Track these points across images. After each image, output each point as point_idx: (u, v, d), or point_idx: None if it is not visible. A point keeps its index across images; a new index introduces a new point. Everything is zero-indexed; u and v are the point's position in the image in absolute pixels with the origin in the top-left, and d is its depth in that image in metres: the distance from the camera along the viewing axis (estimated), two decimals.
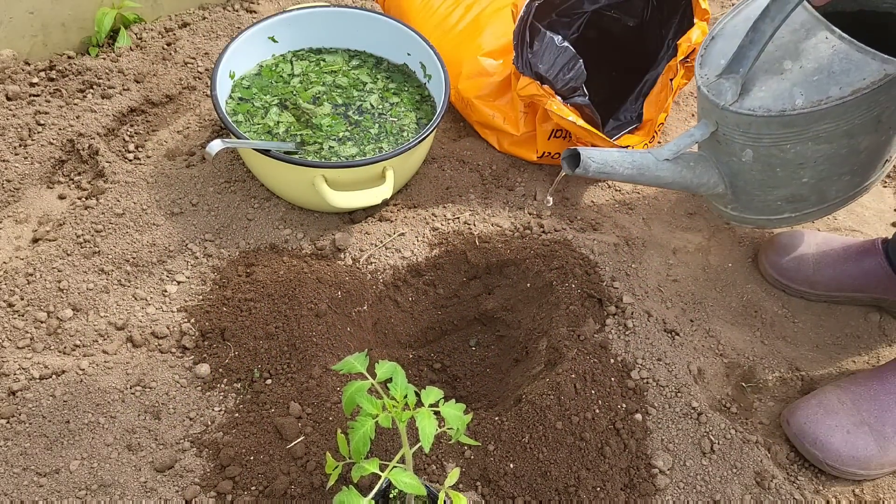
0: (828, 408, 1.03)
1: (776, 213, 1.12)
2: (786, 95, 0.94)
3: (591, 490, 0.94)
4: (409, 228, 1.23)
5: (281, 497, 0.90)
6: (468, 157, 1.37)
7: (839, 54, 0.93)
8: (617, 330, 1.10)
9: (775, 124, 0.95)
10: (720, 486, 0.98)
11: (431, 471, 0.95)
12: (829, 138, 0.96)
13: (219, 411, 0.99)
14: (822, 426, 1.02)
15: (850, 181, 1.07)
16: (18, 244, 1.16)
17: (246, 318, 1.07)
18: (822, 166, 1.01)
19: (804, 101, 0.92)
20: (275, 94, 1.32)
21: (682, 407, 1.04)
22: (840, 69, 0.92)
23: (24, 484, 0.90)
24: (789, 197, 1.07)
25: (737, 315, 1.21)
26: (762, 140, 0.98)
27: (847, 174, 1.04)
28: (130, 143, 1.33)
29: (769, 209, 1.11)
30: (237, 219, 1.23)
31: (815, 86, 0.92)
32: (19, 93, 1.37)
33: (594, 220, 1.30)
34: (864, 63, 0.91)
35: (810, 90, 0.93)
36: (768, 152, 1.00)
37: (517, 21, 1.24)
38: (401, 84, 1.38)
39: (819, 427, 1.02)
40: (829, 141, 0.97)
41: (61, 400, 0.97)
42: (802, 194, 1.07)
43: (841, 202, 1.11)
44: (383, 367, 0.76)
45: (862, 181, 1.08)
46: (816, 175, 1.03)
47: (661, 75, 1.32)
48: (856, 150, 1.00)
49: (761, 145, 0.99)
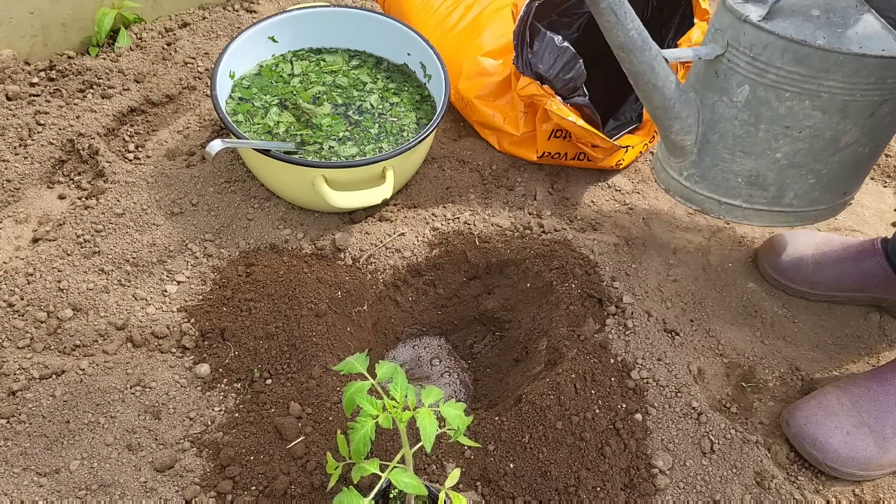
0: (827, 409, 1.03)
1: (729, 193, 1.09)
2: (808, 33, 0.94)
3: (591, 490, 0.94)
4: (409, 228, 1.23)
5: (281, 497, 0.90)
6: (468, 157, 1.38)
7: (866, 23, 0.96)
8: (617, 330, 1.10)
9: (790, 56, 0.94)
10: (720, 486, 0.98)
11: (431, 471, 0.95)
12: (825, 106, 0.96)
13: (219, 411, 0.99)
14: (822, 427, 1.02)
15: (810, 189, 1.06)
16: (18, 244, 1.16)
17: (246, 318, 1.07)
18: (801, 145, 1.00)
19: (825, 43, 0.93)
20: (275, 94, 1.32)
21: (682, 407, 1.04)
22: (863, 34, 0.94)
23: (24, 484, 0.90)
24: (752, 175, 1.05)
25: (737, 315, 1.21)
26: (767, 74, 0.96)
27: (813, 176, 1.04)
28: (130, 143, 1.33)
29: (725, 185, 1.08)
30: (237, 219, 1.23)
31: (838, 37, 0.94)
32: (19, 93, 1.37)
33: (594, 220, 1.30)
34: (886, 38, 0.94)
35: (832, 38, 0.93)
36: (765, 96, 0.98)
37: (517, 21, 1.24)
38: (401, 84, 1.38)
39: (819, 428, 1.02)
40: (823, 110, 0.97)
41: (61, 400, 0.98)
42: (765, 178, 1.05)
43: (789, 215, 1.10)
44: (383, 368, 0.76)
45: (819, 198, 1.08)
46: (790, 155, 1.01)
47: None
48: (836, 142, 1.00)
49: (762, 82, 0.97)
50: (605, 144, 1.27)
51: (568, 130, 1.28)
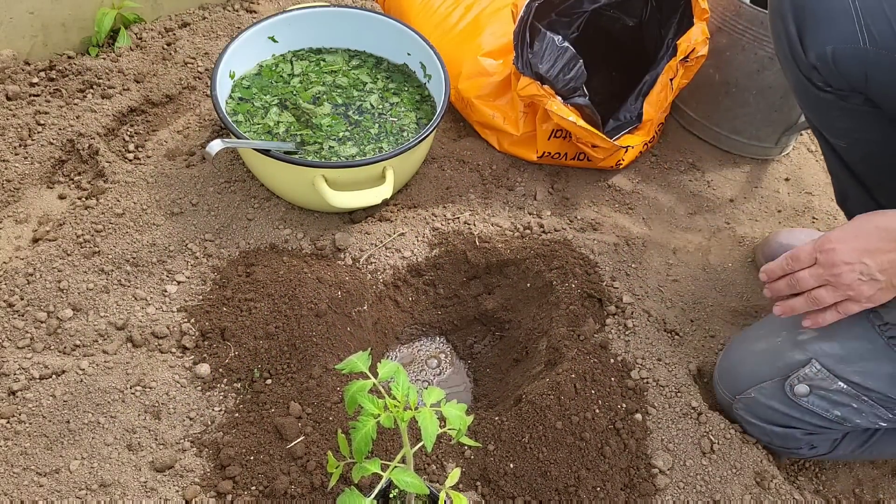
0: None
1: None
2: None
3: (591, 490, 0.94)
4: (409, 228, 1.23)
5: (281, 497, 0.90)
6: (468, 157, 1.38)
7: None
8: (617, 330, 1.10)
9: None
10: (720, 486, 0.98)
11: (431, 471, 0.95)
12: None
13: (219, 411, 0.99)
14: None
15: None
16: (18, 244, 1.16)
17: (246, 318, 1.07)
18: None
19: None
20: (275, 94, 1.32)
21: (682, 407, 1.04)
22: None
23: (24, 484, 0.90)
24: None
25: (737, 315, 1.21)
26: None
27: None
28: (130, 143, 1.33)
29: None
30: (237, 219, 1.23)
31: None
32: (19, 93, 1.37)
33: (594, 220, 1.30)
34: None
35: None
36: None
37: (517, 21, 1.24)
38: (401, 84, 1.38)
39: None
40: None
41: (61, 400, 0.97)
42: None
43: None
44: (385, 367, 0.76)
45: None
46: None
47: (660, 75, 1.32)
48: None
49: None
50: (606, 144, 1.27)
51: (568, 130, 1.29)
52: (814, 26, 0.93)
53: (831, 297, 0.89)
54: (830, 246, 0.88)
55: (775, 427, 0.99)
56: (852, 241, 0.87)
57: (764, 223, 1.40)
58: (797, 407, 0.95)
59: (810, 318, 0.93)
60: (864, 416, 0.93)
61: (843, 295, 0.89)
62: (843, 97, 0.97)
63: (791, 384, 0.94)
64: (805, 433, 0.97)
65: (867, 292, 0.87)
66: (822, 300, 0.90)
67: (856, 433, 1.00)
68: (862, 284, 0.87)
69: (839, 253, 0.87)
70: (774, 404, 0.97)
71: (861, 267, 0.86)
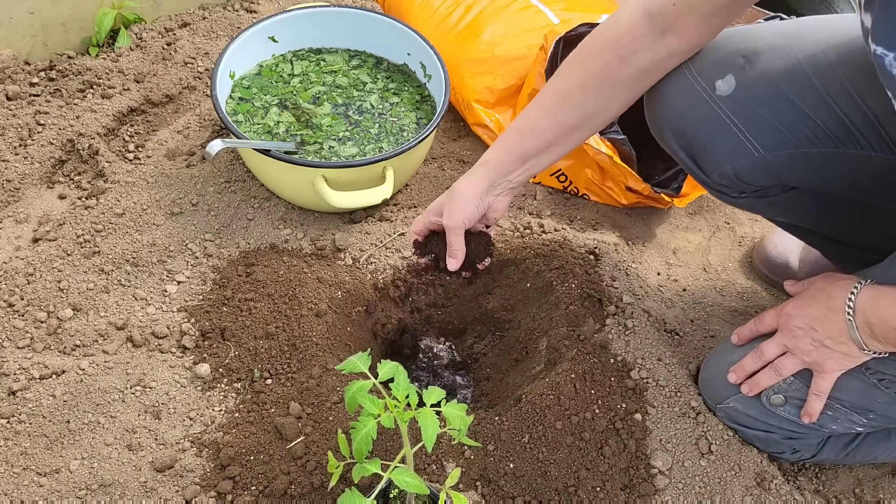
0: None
1: None
2: None
3: (590, 490, 0.94)
4: (410, 228, 1.23)
5: (281, 497, 0.90)
6: (468, 157, 1.38)
7: None
8: (617, 330, 1.10)
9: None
10: (719, 487, 0.98)
11: (432, 471, 0.95)
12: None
13: (219, 411, 0.99)
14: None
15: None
16: (18, 244, 1.16)
17: (246, 318, 1.07)
18: None
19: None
20: (275, 94, 1.32)
21: (682, 407, 1.04)
22: None
23: (24, 484, 0.90)
24: None
25: (737, 315, 1.21)
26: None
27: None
28: (130, 143, 1.33)
29: None
30: (237, 219, 1.23)
31: None
32: (19, 93, 1.37)
33: (594, 220, 1.30)
34: None
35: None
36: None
37: (548, 56, 1.23)
38: (401, 84, 1.38)
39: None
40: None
41: (61, 400, 0.97)
42: None
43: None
44: (385, 367, 0.76)
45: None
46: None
47: None
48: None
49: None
50: (639, 185, 1.23)
51: (602, 167, 1.26)
52: (704, 152, 0.94)
53: (793, 366, 0.91)
54: (787, 311, 0.91)
55: (757, 432, 1.00)
56: (806, 308, 0.89)
57: (764, 223, 1.40)
58: (774, 416, 0.96)
59: (748, 385, 0.96)
60: (840, 423, 0.94)
61: (801, 362, 0.90)
62: (763, 195, 0.99)
63: (767, 395, 0.95)
64: (785, 437, 0.98)
65: (818, 358, 0.88)
66: (784, 370, 0.92)
67: (837, 437, 1.00)
68: (814, 351, 0.88)
69: (794, 318, 0.89)
70: (753, 413, 0.98)
71: (812, 333, 0.88)
